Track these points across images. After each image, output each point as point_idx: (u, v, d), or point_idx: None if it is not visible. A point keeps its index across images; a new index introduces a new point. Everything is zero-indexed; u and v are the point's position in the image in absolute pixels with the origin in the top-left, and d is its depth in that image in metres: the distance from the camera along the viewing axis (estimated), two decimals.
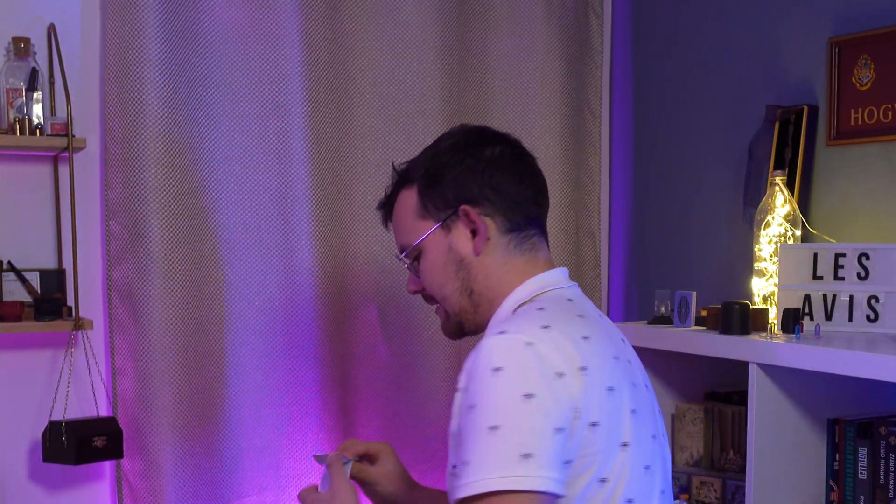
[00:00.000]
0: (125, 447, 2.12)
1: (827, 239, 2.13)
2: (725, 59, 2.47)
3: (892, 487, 1.82)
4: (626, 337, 1.49)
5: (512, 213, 1.46)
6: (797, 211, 2.13)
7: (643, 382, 1.43)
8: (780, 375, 1.89)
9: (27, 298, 2.10)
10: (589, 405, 1.27)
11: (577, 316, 1.38)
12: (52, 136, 2.07)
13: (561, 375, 1.26)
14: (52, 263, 2.19)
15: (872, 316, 1.97)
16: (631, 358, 1.45)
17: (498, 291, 1.45)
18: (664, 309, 2.25)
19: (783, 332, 1.97)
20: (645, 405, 1.39)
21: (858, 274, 1.98)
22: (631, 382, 1.37)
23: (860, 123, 2.12)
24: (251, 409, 2.30)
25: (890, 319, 1.96)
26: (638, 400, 1.37)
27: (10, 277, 2.11)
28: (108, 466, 2.25)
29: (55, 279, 2.15)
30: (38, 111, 2.08)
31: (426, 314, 2.44)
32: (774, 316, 2.06)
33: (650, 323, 2.25)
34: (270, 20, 2.29)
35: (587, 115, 2.71)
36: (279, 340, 2.33)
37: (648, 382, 1.46)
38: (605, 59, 2.75)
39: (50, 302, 2.07)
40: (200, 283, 2.22)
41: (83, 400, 2.20)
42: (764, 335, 1.97)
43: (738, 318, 1.99)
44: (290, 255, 2.34)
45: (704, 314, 2.13)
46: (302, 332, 2.36)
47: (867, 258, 1.98)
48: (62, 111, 2.10)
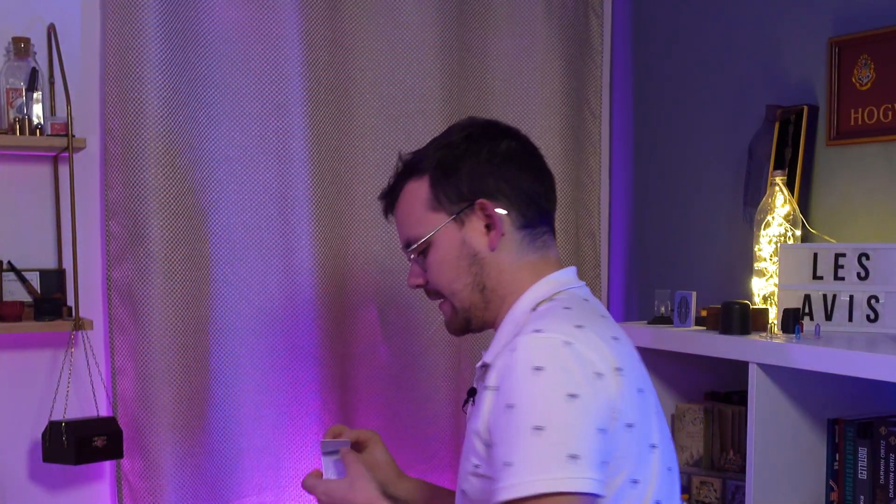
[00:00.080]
0: (125, 447, 2.12)
1: (827, 239, 2.13)
2: (725, 59, 2.47)
3: (892, 487, 1.82)
4: None
5: (526, 208, 1.42)
6: (797, 211, 2.13)
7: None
8: (780, 375, 1.88)
9: (27, 298, 2.10)
10: (625, 406, 1.26)
11: (600, 316, 1.38)
12: (52, 136, 2.06)
13: (600, 376, 1.24)
14: (52, 263, 2.19)
15: (872, 316, 1.97)
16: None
17: (511, 288, 1.42)
18: (664, 309, 2.25)
19: (783, 332, 1.96)
20: (659, 407, 1.39)
21: (858, 274, 1.98)
22: (650, 385, 1.37)
23: (860, 123, 2.12)
24: (251, 409, 2.30)
25: (890, 319, 1.95)
26: (657, 402, 1.37)
27: (10, 277, 2.10)
28: (107, 466, 2.25)
29: (55, 279, 2.15)
30: (38, 111, 2.08)
31: (426, 314, 2.44)
32: (774, 316, 2.06)
33: (650, 323, 2.25)
34: (270, 20, 2.29)
35: (587, 115, 2.71)
36: (279, 340, 2.33)
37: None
38: (605, 59, 2.75)
39: (50, 302, 2.07)
40: (200, 283, 2.22)
41: (83, 400, 2.20)
42: (764, 335, 1.97)
43: (738, 318, 1.99)
44: (290, 255, 2.34)
45: (704, 314, 2.13)
46: (302, 332, 2.36)
47: (867, 258, 1.98)
48: (62, 111, 2.10)
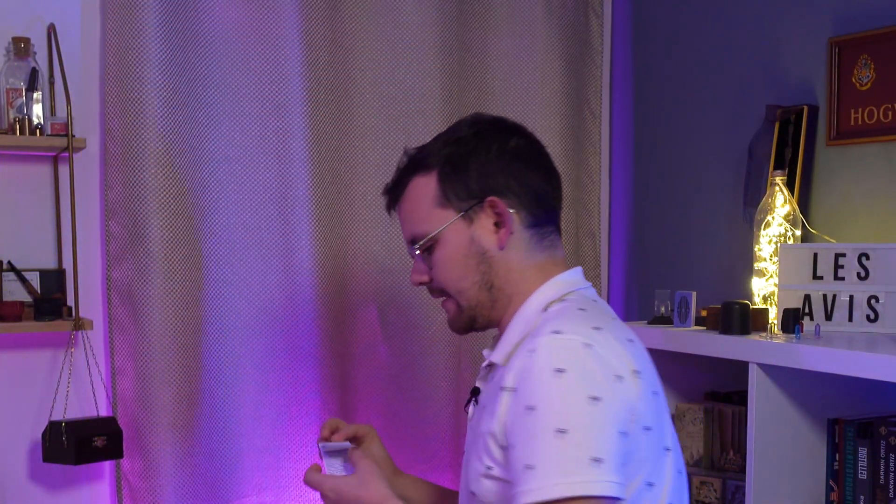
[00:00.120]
0: (125, 447, 2.12)
1: (827, 239, 2.13)
2: (725, 59, 2.47)
3: (892, 487, 1.82)
4: None
5: (535, 207, 1.41)
6: (797, 211, 2.13)
7: None
8: (780, 375, 1.88)
9: (27, 298, 2.10)
10: (644, 409, 1.25)
11: (612, 318, 1.36)
12: (52, 136, 2.06)
13: (620, 378, 1.23)
14: (52, 263, 2.19)
15: (872, 316, 1.97)
16: None
17: (518, 288, 1.40)
18: (664, 309, 2.25)
19: (783, 332, 1.96)
20: (668, 410, 1.38)
21: (858, 274, 1.98)
22: (662, 388, 1.35)
23: (860, 123, 2.12)
24: (251, 409, 2.30)
25: (890, 319, 1.95)
26: (667, 405, 1.36)
27: (10, 277, 2.10)
28: (107, 466, 2.25)
29: (55, 279, 2.14)
30: (38, 111, 2.08)
31: (426, 314, 2.44)
32: (774, 316, 2.06)
33: (650, 323, 2.24)
34: (270, 20, 2.29)
35: (587, 115, 2.71)
36: (279, 340, 2.33)
37: None
38: (605, 59, 2.75)
39: (50, 302, 2.07)
40: (200, 283, 2.22)
41: (83, 400, 2.20)
42: (764, 335, 1.97)
43: (738, 318, 1.99)
44: (290, 255, 2.34)
45: (704, 314, 2.13)
46: (302, 331, 2.36)
47: (867, 258, 1.98)
48: (62, 111, 2.10)
